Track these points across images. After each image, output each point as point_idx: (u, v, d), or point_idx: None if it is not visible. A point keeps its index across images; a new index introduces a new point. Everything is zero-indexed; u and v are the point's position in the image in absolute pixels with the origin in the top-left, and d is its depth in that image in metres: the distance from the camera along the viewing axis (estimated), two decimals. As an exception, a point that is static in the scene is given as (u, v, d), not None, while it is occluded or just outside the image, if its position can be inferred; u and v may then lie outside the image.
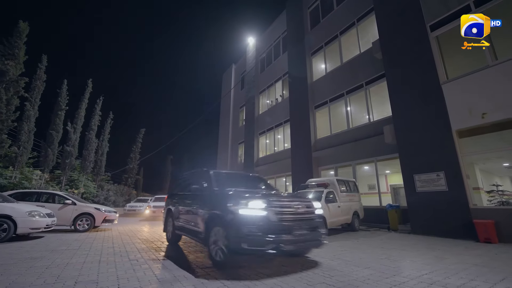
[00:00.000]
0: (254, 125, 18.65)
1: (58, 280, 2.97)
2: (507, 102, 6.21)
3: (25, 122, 15.03)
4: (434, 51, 7.73)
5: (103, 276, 3.18)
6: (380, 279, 3.06)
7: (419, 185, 7.54)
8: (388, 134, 8.81)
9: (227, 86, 25.32)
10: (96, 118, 21.40)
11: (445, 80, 7.43)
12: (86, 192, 18.73)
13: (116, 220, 9.02)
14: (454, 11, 7.40)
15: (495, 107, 6.41)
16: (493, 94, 6.48)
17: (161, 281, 2.99)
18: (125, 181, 28.79)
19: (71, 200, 8.24)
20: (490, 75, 6.61)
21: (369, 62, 10.66)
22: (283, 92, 16.85)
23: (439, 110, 7.34)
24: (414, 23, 8.34)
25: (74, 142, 18.24)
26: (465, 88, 6.99)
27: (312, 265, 3.79)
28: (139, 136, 30.45)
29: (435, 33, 7.82)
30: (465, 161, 7.05)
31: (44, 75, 16.61)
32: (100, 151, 22.25)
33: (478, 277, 3.14)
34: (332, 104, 12.41)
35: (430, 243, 5.72)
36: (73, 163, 18.25)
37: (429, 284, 2.85)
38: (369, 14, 11.05)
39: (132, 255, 4.48)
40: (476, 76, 6.86)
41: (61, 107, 17.58)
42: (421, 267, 3.61)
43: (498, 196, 7.14)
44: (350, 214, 8.22)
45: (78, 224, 8.03)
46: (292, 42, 15.81)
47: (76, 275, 3.21)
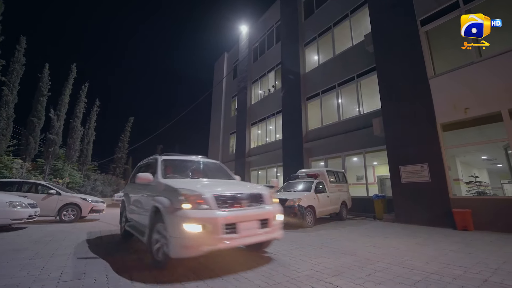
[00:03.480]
0: (246, 115, 18.53)
1: (43, 272, 2.91)
2: (488, 98, 6.46)
3: (3, 108, 14.23)
4: (423, 46, 7.84)
5: (91, 267, 3.15)
6: (365, 265, 3.19)
7: (404, 176, 7.81)
8: (377, 127, 8.99)
9: (219, 75, 24.87)
10: (82, 105, 20.59)
11: (433, 75, 7.59)
12: (71, 181, 18.23)
13: (104, 211, 8.88)
14: (444, 7, 7.48)
15: (477, 103, 6.65)
16: (476, 90, 6.70)
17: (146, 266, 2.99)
18: (113, 170, 28.21)
19: (56, 190, 8.01)
20: (474, 71, 6.80)
21: (361, 54, 10.70)
22: (275, 82, 16.74)
23: (426, 104, 7.53)
24: (406, 17, 8.39)
25: (58, 130, 17.51)
26: (451, 83, 7.17)
27: (297, 254, 3.89)
28: (128, 124, 29.67)
29: (425, 28, 7.91)
30: (448, 153, 7.34)
31: (23, 58, 15.67)
32: (86, 139, 21.56)
33: (455, 262, 3.33)
34: (324, 96, 12.47)
35: (412, 231, 5.99)
36: (57, 152, 17.59)
37: (411, 269, 3.00)
38: (362, 6, 11.00)
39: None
40: (461, 72, 7.05)
41: (43, 93, 16.74)
42: (404, 254, 3.79)
43: (475, 187, 7.55)
44: (338, 204, 8.45)
45: (64, 215, 7.86)
46: (286, 32, 15.59)
47: (62, 266, 3.16)
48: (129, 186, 5.26)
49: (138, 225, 4.04)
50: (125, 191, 5.27)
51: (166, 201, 3.05)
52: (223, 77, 23.71)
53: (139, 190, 4.25)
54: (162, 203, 3.05)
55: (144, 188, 4.01)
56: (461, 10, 7.07)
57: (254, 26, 20.20)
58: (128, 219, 4.70)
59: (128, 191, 4.98)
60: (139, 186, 4.26)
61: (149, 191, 3.75)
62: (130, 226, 4.43)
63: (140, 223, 3.95)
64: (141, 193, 4.11)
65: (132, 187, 4.88)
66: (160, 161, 4.17)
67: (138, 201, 4.20)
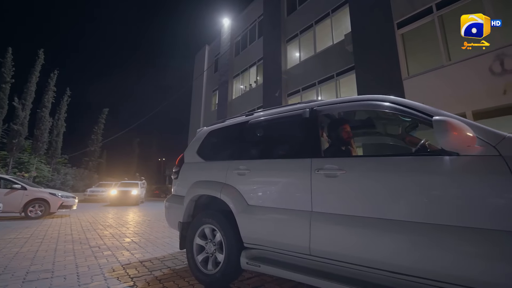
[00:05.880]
0: (227, 110, 18.36)
1: (6, 271, 2.72)
2: (455, 100, 6.95)
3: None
4: (399, 48, 8.22)
5: (59, 265, 2.99)
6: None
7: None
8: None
9: (200, 68, 24.30)
10: (50, 94, 19.22)
11: (406, 76, 8.01)
12: (39, 176, 17.06)
13: (75, 206, 8.44)
14: (419, 11, 7.87)
15: (444, 104, 7.11)
16: (445, 92, 7.17)
17: (124, 266, 2.91)
18: (85, 164, 26.78)
19: (20, 185, 7.46)
20: (444, 74, 7.27)
21: (341, 53, 10.97)
22: (257, 78, 16.70)
23: (399, 104, 7.93)
24: (384, 19, 8.71)
25: (23, 120, 16.24)
26: (422, 85, 7.61)
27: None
28: (102, 116, 28.21)
29: (401, 31, 8.28)
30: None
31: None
32: (55, 131, 20.22)
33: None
34: (304, 93, 12.67)
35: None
36: (22, 144, 16.35)
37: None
38: (343, 5, 11.24)
39: (93, 242, 4.27)
40: (432, 75, 7.49)
41: (5, 79, 15.40)
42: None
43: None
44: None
45: (30, 211, 7.35)
46: (268, 28, 15.54)
47: (28, 265, 2.97)
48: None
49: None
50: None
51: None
52: (204, 70, 23.23)
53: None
54: None
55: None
56: (434, 15, 7.48)
57: (237, 19, 19.90)
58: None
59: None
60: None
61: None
62: None
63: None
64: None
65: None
66: None
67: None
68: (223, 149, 2.78)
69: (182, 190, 2.78)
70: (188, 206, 2.63)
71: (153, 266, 2.97)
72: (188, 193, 2.63)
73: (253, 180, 2.23)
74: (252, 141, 2.53)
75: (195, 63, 26.05)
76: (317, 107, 2.11)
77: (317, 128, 2.04)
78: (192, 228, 2.52)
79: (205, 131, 3.07)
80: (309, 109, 2.13)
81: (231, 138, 2.73)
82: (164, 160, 50.30)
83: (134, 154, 45.46)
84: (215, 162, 2.67)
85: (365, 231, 1.51)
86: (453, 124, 1.26)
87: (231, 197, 2.25)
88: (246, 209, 2.14)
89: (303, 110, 2.18)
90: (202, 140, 2.99)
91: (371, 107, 1.98)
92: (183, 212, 2.64)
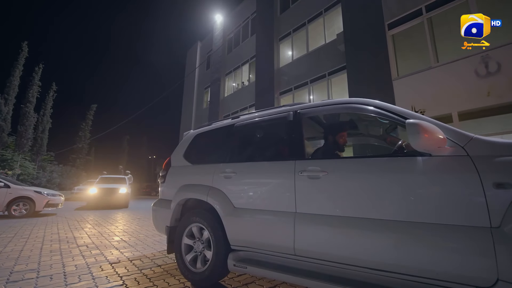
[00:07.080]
0: (219, 108, 18.24)
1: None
2: (441, 101, 7.14)
3: None
4: (390, 48, 8.37)
5: (45, 264, 2.91)
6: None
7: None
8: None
9: (192, 65, 24.00)
10: (35, 88, 18.55)
11: (396, 77, 8.17)
12: (23, 173, 16.49)
13: (61, 204, 8.21)
14: (409, 13, 8.03)
15: (432, 105, 7.33)
16: (432, 93, 7.36)
17: (113, 265, 2.87)
18: (72, 162, 26.06)
19: (3, 183, 7.20)
20: (431, 75, 7.46)
21: (333, 53, 11.07)
22: (249, 76, 16.65)
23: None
24: (375, 19, 8.84)
25: (6, 116, 15.65)
26: (411, 85, 7.78)
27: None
28: (90, 112, 27.47)
29: (392, 32, 8.43)
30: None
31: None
32: (40, 127, 19.54)
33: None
34: (296, 92, 12.73)
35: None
36: (5, 140, 15.76)
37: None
38: (336, 5, 11.32)
39: (80, 241, 4.17)
40: (420, 76, 7.67)
41: (-13, 73, 14.72)
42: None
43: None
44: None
45: (14, 209, 7.12)
46: (261, 25, 15.49)
47: (11, 265, 2.88)
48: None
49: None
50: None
51: None
52: (196, 67, 22.96)
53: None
54: None
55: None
56: (423, 17, 7.65)
57: (229, 16, 19.74)
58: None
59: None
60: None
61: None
62: None
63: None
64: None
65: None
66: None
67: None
68: (210, 153, 2.77)
69: (169, 194, 2.74)
70: (175, 210, 2.60)
71: (143, 264, 2.94)
72: (175, 196, 2.60)
73: (239, 182, 2.23)
74: (238, 144, 2.53)
75: (186, 59, 25.71)
76: (301, 110, 2.15)
77: (301, 130, 2.06)
78: (180, 228, 2.50)
79: (192, 135, 3.02)
80: (293, 112, 2.16)
81: (217, 142, 2.72)
82: (154, 158, 49.60)
83: (124, 152, 44.58)
84: (202, 165, 2.65)
85: (347, 231, 1.55)
86: (424, 126, 1.32)
87: (217, 200, 2.25)
88: (232, 212, 2.15)
89: (287, 113, 2.20)
90: (188, 143, 2.95)
91: (353, 110, 2.04)
92: (170, 216, 2.61)
